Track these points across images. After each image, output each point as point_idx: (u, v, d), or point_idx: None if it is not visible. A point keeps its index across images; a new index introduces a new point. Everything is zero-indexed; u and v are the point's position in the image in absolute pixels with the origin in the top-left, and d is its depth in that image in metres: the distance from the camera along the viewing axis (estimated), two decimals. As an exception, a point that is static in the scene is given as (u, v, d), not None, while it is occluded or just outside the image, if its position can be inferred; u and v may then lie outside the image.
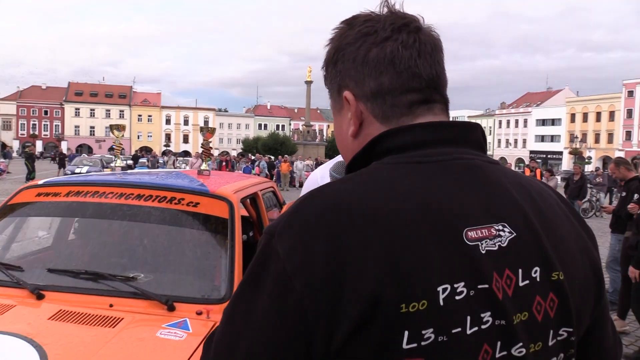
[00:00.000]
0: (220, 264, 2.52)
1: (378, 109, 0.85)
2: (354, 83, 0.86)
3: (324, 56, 0.93)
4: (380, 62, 0.84)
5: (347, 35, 0.87)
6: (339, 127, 0.93)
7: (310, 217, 0.73)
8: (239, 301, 0.75)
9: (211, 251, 2.65)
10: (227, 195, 2.81)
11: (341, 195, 0.75)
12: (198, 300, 2.29)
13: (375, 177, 0.78)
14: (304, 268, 0.70)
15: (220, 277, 2.46)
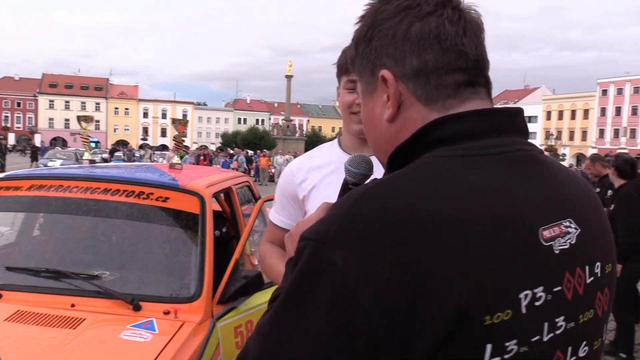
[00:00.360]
0: (190, 262, 2.43)
1: (421, 89, 0.77)
2: (393, 61, 0.78)
3: (353, 35, 0.84)
4: (425, 37, 0.76)
5: (384, 10, 0.79)
6: (371, 112, 0.83)
7: (374, 221, 0.65)
8: (282, 320, 0.67)
9: (181, 248, 2.56)
10: (199, 190, 2.71)
11: (405, 195, 0.67)
12: (166, 299, 2.20)
13: (436, 174, 0.70)
14: (372, 280, 0.62)
15: (190, 275, 2.37)
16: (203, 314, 2.20)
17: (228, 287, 2.36)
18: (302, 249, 0.68)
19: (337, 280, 0.63)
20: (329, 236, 0.65)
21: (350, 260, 0.63)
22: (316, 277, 0.65)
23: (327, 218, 0.69)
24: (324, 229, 0.67)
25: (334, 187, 1.73)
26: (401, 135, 0.78)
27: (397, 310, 0.61)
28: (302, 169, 1.82)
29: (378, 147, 0.85)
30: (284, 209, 1.86)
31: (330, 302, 0.63)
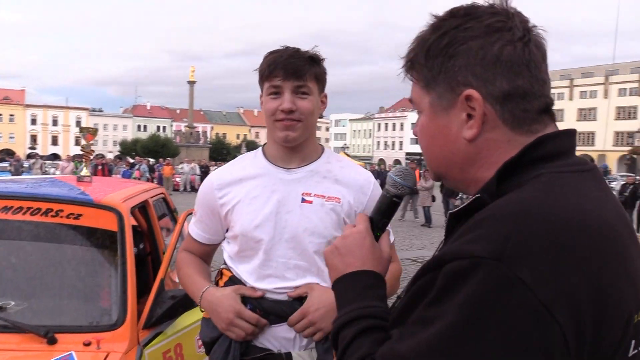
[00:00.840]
0: (110, 285, 2.22)
1: (508, 112, 0.79)
2: (481, 82, 0.78)
3: (424, 44, 0.83)
4: (517, 62, 0.78)
5: (471, 28, 0.79)
6: (444, 127, 0.83)
7: (556, 235, 0.67)
8: (457, 345, 0.65)
9: (98, 270, 2.33)
10: (115, 205, 2.49)
11: (565, 211, 0.70)
12: (85, 328, 1.99)
13: (569, 190, 0.74)
14: (564, 296, 0.64)
15: (110, 299, 2.16)
16: (129, 341, 2.00)
17: (154, 309, 2.17)
18: (469, 268, 0.66)
19: (527, 297, 0.63)
20: (507, 254, 0.65)
21: (540, 276, 0.64)
22: (501, 294, 0.64)
23: (488, 235, 0.68)
24: (494, 248, 0.66)
25: (261, 200, 1.63)
26: (483, 155, 0.81)
27: (587, 322, 0.65)
28: (224, 182, 1.69)
29: (446, 162, 0.86)
30: (203, 222, 1.75)
31: (523, 320, 0.63)
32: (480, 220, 0.72)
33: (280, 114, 1.57)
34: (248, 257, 1.62)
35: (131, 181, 4.52)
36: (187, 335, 2.39)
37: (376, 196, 1.67)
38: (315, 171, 1.65)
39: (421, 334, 0.69)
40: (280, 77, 1.56)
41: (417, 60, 0.85)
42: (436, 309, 0.69)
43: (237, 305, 1.54)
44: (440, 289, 0.70)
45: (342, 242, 0.97)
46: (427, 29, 0.84)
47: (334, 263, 0.97)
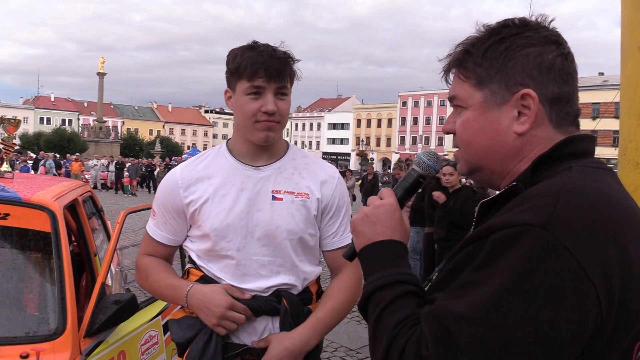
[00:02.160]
0: (46, 291, 2.04)
1: (555, 113, 0.90)
2: (536, 83, 0.89)
3: (480, 45, 0.92)
4: (565, 72, 0.90)
5: (530, 37, 0.90)
6: (495, 121, 0.92)
7: (593, 210, 0.76)
8: (507, 301, 0.72)
9: (32, 275, 2.14)
10: (47, 204, 2.30)
11: (602, 192, 0.81)
12: (21, 339, 1.82)
13: (600, 178, 0.85)
14: (600, 262, 0.73)
15: (47, 306, 1.99)
16: (70, 351, 1.85)
17: (96, 316, 2.03)
18: (518, 234, 0.74)
19: (569, 261, 0.72)
20: (552, 224, 0.74)
21: (580, 245, 0.73)
22: (547, 259, 0.72)
23: (535, 207, 0.77)
24: (541, 217, 0.74)
25: (230, 199, 1.60)
26: (526, 149, 0.91)
27: (616, 287, 0.73)
28: (189, 180, 1.62)
29: (490, 154, 0.93)
30: (167, 223, 1.66)
31: (566, 281, 0.71)
32: (525, 197, 0.81)
33: (262, 115, 1.53)
34: (220, 256, 1.59)
35: (55, 178, 4.21)
36: (130, 342, 2.26)
37: (340, 190, 1.71)
38: (283, 168, 1.64)
39: (473, 293, 0.75)
40: (263, 78, 1.51)
41: (472, 59, 0.93)
42: (486, 271, 0.76)
43: (228, 298, 1.52)
44: (489, 253, 0.77)
45: (374, 212, 1.01)
46: (483, 33, 0.93)
47: (362, 230, 1.00)
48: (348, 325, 5.63)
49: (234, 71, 1.55)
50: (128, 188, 24.06)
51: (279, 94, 1.55)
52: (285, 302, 1.57)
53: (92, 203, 3.71)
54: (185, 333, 1.58)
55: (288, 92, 1.58)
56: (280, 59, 1.53)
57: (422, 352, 0.76)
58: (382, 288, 0.90)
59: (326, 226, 1.68)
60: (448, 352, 0.74)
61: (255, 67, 1.50)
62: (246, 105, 1.54)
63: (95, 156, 27.60)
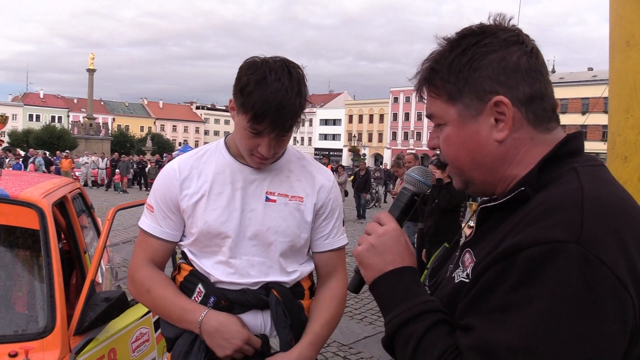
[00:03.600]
0: (35, 289, 2.03)
1: (532, 113, 0.90)
2: (506, 88, 0.88)
3: (444, 61, 0.92)
4: (532, 69, 0.89)
5: (490, 43, 0.89)
6: (474, 134, 0.91)
7: (615, 219, 0.77)
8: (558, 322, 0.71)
9: (20, 273, 2.12)
10: (35, 201, 2.28)
11: (617, 198, 0.81)
12: (10, 338, 1.81)
13: (607, 181, 0.85)
14: (631, 271, 0.74)
15: (36, 304, 1.97)
16: (60, 349, 1.84)
17: (86, 313, 2.01)
18: (553, 251, 0.73)
19: (608, 274, 0.72)
20: (584, 238, 0.73)
21: (614, 256, 0.73)
22: (587, 273, 0.71)
23: (562, 222, 0.75)
24: (572, 232, 0.74)
25: (226, 197, 1.58)
26: (510, 154, 0.91)
27: None
28: (187, 173, 1.60)
29: (476, 166, 0.93)
30: (167, 218, 1.61)
31: (608, 293, 0.71)
32: (547, 210, 0.79)
33: (258, 152, 1.50)
34: (212, 253, 1.58)
35: (44, 175, 4.17)
36: (121, 340, 2.25)
37: (335, 193, 1.71)
38: (280, 170, 1.63)
39: (516, 319, 0.73)
40: (267, 128, 1.44)
41: (439, 76, 0.93)
42: (524, 293, 0.73)
43: (246, 331, 1.50)
44: (524, 273, 0.74)
45: (379, 240, 0.98)
46: (444, 47, 0.93)
47: (371, 262, 0.97)
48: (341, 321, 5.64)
49: (242, 101, 1.45)
50: (119, 185, 23.93)
51: (279, 138, 1.49)
52: (275, 293, 1.55)
53: (82, 200, 3.69)
54: (175, 329, 1.57)
55: (291, 133, 1.52)
56: (288, 110, 1.42)
57: None
58: (408, 323, 0.88)
59: (319, 228, 1.67)
60: None
61: (261, 115, 1.42)
62: (244, 138, 1.50)
63: (86, 153, 27.37)
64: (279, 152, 1.57)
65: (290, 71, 1.45)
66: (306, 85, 1.50)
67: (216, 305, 1.53)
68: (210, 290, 1.55)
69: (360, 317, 5.91)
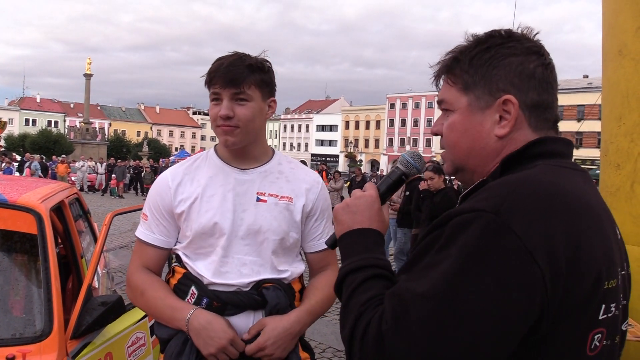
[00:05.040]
0: (32, 293, 2.04)
1: (534, 118, 0.97)
2: (516, 90, 0.95)
3: (467, 52, 0.99)
4: (546, 81, 0.97)
5: (514, 47, 0.96)
6: (478, 124, 0.98)
7: (544, 200, 0.82)
8: (458, 280, 0.78)
9: (18, 277, 2.13)
10: (33, 206, 2.29)
11: (554, 184, 0.86)
12: (7, 341, 1.82)
13: (560, 175, 0.90)
14: (546, 246, 0.78)
15: (33, 308, 1.99)
16: (57, 353, 1.85)
17: (83, 317, 2.03)
18: (472, 219, 0.81)
19: (516, 243, 0.77)
20: (503, 209, 0.80)
21: (528, 229, 0.78)
22: (495, 240, 0.78)
23: (490, 196, 0.84)
24: (494, 204, 0.81)
25: (218, 199, 1.65)
26: (505, 151, 0.96)
27: (561, 270, 0.78)
28: (179, 180, 1.68)
29: (472, 154, 1.00)
30: (159, 225, 1.69)
31: (512, 261, 0.77)
32: (485, 189, 0.89)
33: (220, 120, 1.60)
34: (205, 254, 1.63)
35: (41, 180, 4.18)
36: (117, 344, 2.26)
37: (324, 194, 1.78)
38: (269, 172, 1.71)
39: (431, 274, 0.81)
40: (219, 85, 1.59)
41: (459, 65, 0.99)
42: (443, 253, 0.82)
43: (231, 332, 1.55)
44: (446, 237, 0.83)
45: (354, 202, 1.08)
46: (471, 42, 1.00)
47: (343, 218, 1.07)
48: (336, 327, 5.65)
49: (205, 80, 1.64)
50: (115, 190, 23.89)
51: (237, 100, 1.59)
52: (269, 285, 1.62)
53: (79, 205, 3.70)
54: (169, 329, 1.62)
55: (250, 98, 1.60)
56: (238, 67, 1.58)
57: (382, 327, 0.82)
58: (355, 271, 0.96)
59: (312, 229, 1.75)
60: (404, 326, 0.79)
61: (213, 74, 1.60)
62: (210, 110, 1.63)
63: (82, 158, 27.34)
64: (242, 118, 1.60)
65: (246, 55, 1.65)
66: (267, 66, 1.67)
67: (209, 307, 1.58)
68: (203, 292, 1.60)
69: (356, 323, 5.92)
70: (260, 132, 1.71)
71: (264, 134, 1.78)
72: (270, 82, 1.68)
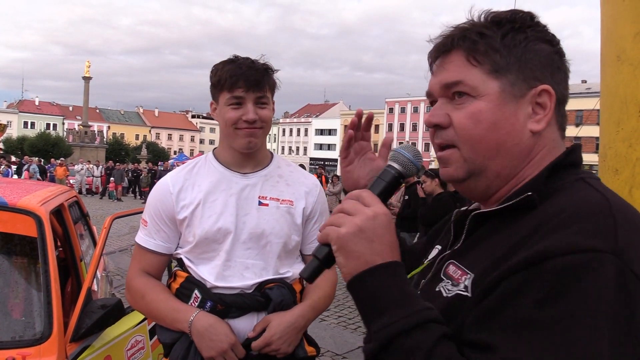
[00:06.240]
0: (32, 295, 2.04)
1: (560, 115, 0.86)
2: (553, 82, 0.83)
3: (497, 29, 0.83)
4: (567, 76, 0.87)
5: (543, 32, 0.84)
6: (512, 116, 0.82)
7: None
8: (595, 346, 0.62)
9: (18, 280, 2.14)
10: (33, 209, 2.30)
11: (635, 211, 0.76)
12: (7, 344, 1.82)
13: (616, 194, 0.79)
14: None
15: (33, 311, 1.99)
16: (57, 356, 1.86)
17: (82, 320, 2.03)
18: (592, 261, 0.65)
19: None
20: (619, 248, 0.66)
21: None
22: (625, 289, 0.64)
23: (596, 230, 0.68)
24: (609, 242, 0.67)
25: (220, 203, 1.65)
26: (535, 151, 0.84)
27: None
28: (181, 186, 1.68)
29: (502, 151, 0.83)
30: (160, 231, 1.70)
31: None
32: (575, 215, 0.71)
33: (243, 123, 1.61)
34: (208, 259, 1.64)
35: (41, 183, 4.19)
36: (116, 347, 2.26)
37: (322, 197, 1.80)
38: (269, 176, 1.72)
39: (547, 338, 0.64)
40: (243, 88, 1.59)
41: (487, 42, 0.82)
42: (555, 308, 0.65)
43: (233, 336, 1.56)
44: (555, 284, 0.66)
45: (369, 224, 0.79)
46: (497, 17, 0.83)
47: (358, 249, 0.78)
48: (334, 330, 5.64)
49: (216, 84, 1.64)
50: (113, 193, 23.86)
51: (259, 103, 1.62)
52: (272, 285, 1.63)
53: (78, 208, 3.70)
54: (172, 334, 1.62)
55: (268, 102, 1.65)
56: (258, 70, 1.61)
57: None
58: (410, 332, 0.73)
59: (310, 232, 1.76)
60: None
61: (235, 78, 1.59)
62: (227, 114, 1.62)
63: (81, 161, 27.31)
64: (265, 120, 1.63)
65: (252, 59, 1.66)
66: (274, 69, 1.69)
67: (213, 310, 1.59)
68: (207, 295, 1.60)
69: (354, 327, 5.91)
70: None
71: None
72: (276, 85, 1.72)
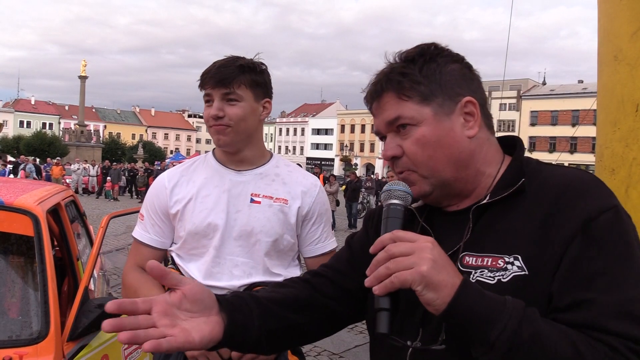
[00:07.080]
0: (29, 295, 2.04)
1: (484, 117, 1.02)
2: (471, 92, 1.00)
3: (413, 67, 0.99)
4: (478, 80, 1.04)
5: (448, 55, 1.01)
6: (449, 130, 0.98)
7: None
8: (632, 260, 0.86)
9: (15, 279, 2.13)
10: (29, 208, 2.28)
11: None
12: (3, 343, 1.81)
13: None
14: None
15: (30, 310, 1.98)
16: (54, 355, 1.85)
17: (79, 320, 2.02)
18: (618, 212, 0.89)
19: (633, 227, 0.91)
20: (614, 204, 0.90)
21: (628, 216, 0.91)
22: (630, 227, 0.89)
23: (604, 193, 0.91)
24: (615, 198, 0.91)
25: (212, 199, 1.66)
26: (477, 150, 1.00)
27: None
28: (176, 181, 1.71)
29: (454, 162, 0.98)
30: (155, 225, 1.72)
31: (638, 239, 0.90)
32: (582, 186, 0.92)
33: (211, 120, 1.62)
34: (198, 255, 1.65)
35: (38, 182, 4.18)
36: (114, 346, 2.25)
37: (322, 198, 1.77)
38: (265, 174, 1.72)
39: (626, 272, 0.84)
40: (210, 85, 1.62)
41: (409, 79, 0.98)
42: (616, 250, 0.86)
43: None
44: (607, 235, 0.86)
45: (435, 254, 0.85)
46: (405, 57, 1.00)
47: (442, 279, 0.83)
48: (331, 330, 5.65)
49: (199, 83, 1.67)
50: (110, 193, 23.82)
51: (228, 100, 1.62)
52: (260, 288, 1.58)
53: (75, 207, 3.69)
54: None
55: (240, 98, 1.62)
56: (229, 67, 1.61)
57: None
58: (521, 324, 0.81)
59: (309, 233, 1.74)
60: None
61: (205, 76, 1.64)
62: (204, 112, 1.67)
63: (77, 160, 27.24)
64: (233, 117, 1.62)
65: (240, 57, 1.67)
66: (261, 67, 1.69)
67: None
68: None
69: (351, 326, 5.93)
70: (255, 133, 1.71)
71: (261, 136, 1.77)
72: (264, 83, 1.69)
